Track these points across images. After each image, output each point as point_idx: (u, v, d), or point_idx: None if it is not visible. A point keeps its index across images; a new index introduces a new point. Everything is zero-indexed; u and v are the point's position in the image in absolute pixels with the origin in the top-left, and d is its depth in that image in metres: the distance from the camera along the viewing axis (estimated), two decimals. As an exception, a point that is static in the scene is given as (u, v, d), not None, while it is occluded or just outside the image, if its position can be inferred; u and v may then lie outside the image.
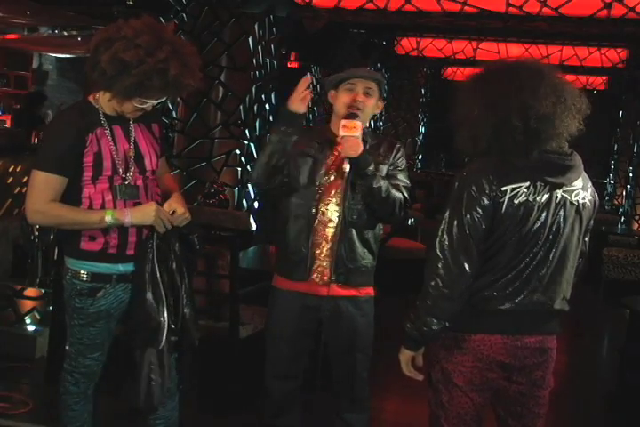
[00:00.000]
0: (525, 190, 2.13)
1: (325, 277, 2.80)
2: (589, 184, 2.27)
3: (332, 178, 2.81)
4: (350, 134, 2.63)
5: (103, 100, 2.46)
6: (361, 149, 2.65)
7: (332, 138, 2.80)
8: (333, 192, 2.80)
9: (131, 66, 2.28)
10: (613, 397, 4.33)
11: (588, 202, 2.24)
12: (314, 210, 2.79)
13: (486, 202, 2.11)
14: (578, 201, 2.21)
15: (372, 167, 2.69)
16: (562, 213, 2.17)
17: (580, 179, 2.23)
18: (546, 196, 2.15)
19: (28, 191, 2.42)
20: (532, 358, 2.22)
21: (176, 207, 2.52)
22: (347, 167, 2.71)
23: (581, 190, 2.22)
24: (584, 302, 7.47)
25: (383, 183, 2.72)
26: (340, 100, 2.81)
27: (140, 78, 2.29)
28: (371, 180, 2.69)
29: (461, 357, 2.20)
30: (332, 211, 2.80)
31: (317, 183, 2.80)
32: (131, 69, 2.28)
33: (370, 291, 2.91)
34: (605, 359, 5.62)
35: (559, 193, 2.17)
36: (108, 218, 2.39)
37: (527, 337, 2.20)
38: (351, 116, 2.71)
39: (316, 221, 2.80)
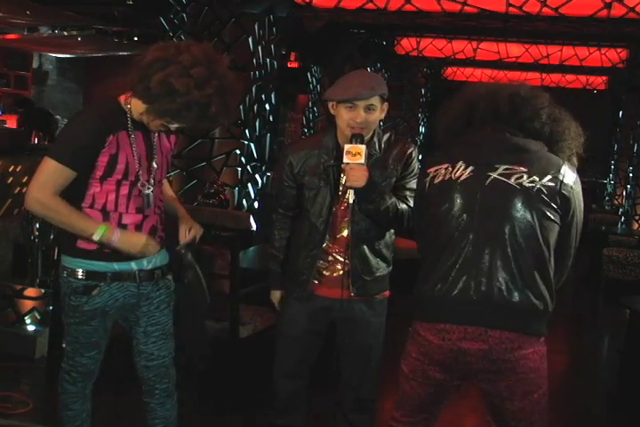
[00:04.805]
0: (444, 171, 2.24)
1: (340, 285, 2.77)
2: (551, 171, 2.19)
3: (342, 199, 2.78)
4: (355, 162, 2.57)
5: (133, 106, 2.46)
6: (365, 178, 2.58)
7: (339, 155, 2.71)
8: (343, 210, 2.78)
9: (177, 93, 2.29)
10: (613, 397, 4.33)
11: (540, 187, 2.15)
12: (323, 233, 2.78)
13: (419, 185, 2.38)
14: (521, 184, 2.15)
15: (377, 193, 2.65)
16: (492, 193, 2.16)
17: (531, 163, 2.19)
18: (467, 175, 2.19)
19: (35, 176, 2.40)
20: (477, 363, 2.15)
21: (195, 234, 2.68)
22: (351, 198, 2.64)
23: (526, 174, 2.16)
24: (584, 302, 7.50)
25: (390, 203, 2.69)
26: (341, 117, 2.72)
27: (181, 107, 2.32)
28: (377, 204, 2.67)
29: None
30: (342, 228, 2.79)
31: (329, 210, 2.78)
32: (176, 97, 2.30)
33: (385, 293, 2.91)
34: (605, 359, 5.62)
35: (490, 174, 2.18)
36: (97, 237, 2.39)
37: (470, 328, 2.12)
38: (355, 139, 2.63)
39: (326, 242, 2.79)
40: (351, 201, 2.65)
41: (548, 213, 2.16)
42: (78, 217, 2.41)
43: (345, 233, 2.79)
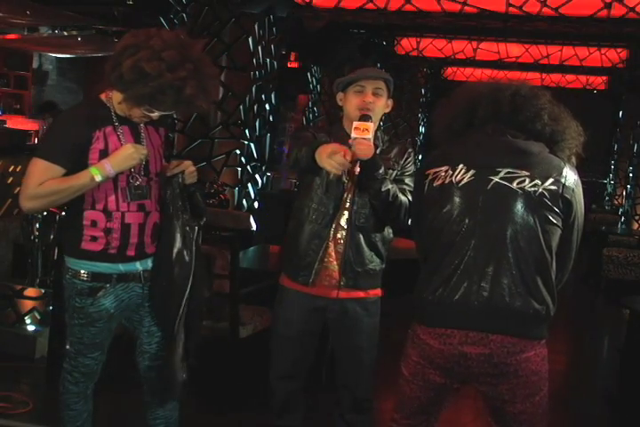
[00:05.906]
0: (443, 174, 2.22)
1: (334, 281, 2.80)
2: (553, 174, 2.17)
3: (347, 184, 2.81)
4: (362, 136, 2.61)
5: (114, 99, 2.47)
6: (372, 151, 2.64)
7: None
8: (345, 197, 2.81)
9: (149, 77, 2.29)
10: (613, 397, 4.33)
11: (543, 191, 2.14)
12: (330, 216, 2.79)
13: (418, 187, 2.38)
14: (523, 188, 2.13)
15: (381, 170, 2.69)
16: (494, 197, 2.14)
17: (533, 167, 2.17)
18: (468, 179, 2.17)
19: (25, 179, 2.40)
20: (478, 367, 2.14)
21: (184, 168, 2.57)
22: (357, 170, 2.69)
23: (529, 178, 2.14)
24: (584, 302, 7.50)
25: (391, 187, 2.74)
26: (350, 102, 2.81)
27: (155, 91, 2.30)
28: (379, 183, 2.70)
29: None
30: (341, 215, 2.81)
31: (336, 190, 2.80)
32: (148, 80, 2.29)
33: (377, 292, 2.91)
34: (605, 359, 5.62)
35: (492, 177, 2.15)
36: (99, 177, 2.36)
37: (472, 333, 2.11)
38: (364, 118, 2.71)
39: (330, 226, 2.80)
40: (357, 172, 2.67)
41: (551, 218, 2.15)
42: (70, 180, 2.38)
43: (343, 222, 2.80)
